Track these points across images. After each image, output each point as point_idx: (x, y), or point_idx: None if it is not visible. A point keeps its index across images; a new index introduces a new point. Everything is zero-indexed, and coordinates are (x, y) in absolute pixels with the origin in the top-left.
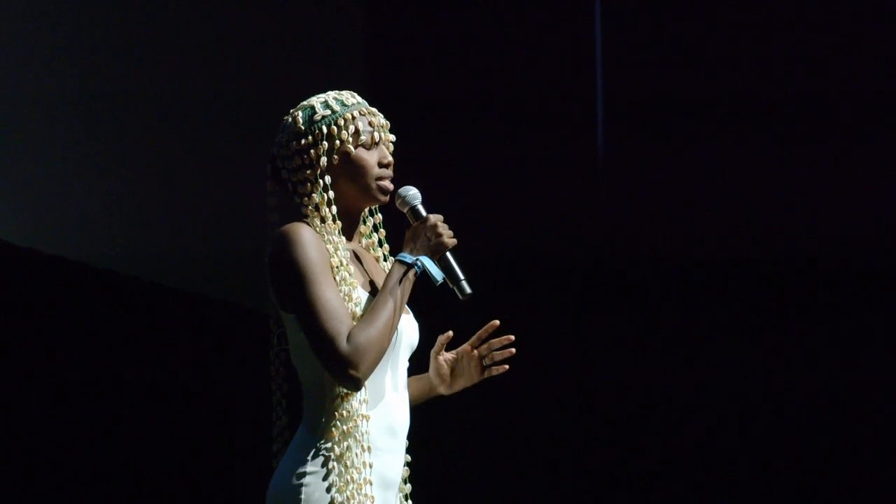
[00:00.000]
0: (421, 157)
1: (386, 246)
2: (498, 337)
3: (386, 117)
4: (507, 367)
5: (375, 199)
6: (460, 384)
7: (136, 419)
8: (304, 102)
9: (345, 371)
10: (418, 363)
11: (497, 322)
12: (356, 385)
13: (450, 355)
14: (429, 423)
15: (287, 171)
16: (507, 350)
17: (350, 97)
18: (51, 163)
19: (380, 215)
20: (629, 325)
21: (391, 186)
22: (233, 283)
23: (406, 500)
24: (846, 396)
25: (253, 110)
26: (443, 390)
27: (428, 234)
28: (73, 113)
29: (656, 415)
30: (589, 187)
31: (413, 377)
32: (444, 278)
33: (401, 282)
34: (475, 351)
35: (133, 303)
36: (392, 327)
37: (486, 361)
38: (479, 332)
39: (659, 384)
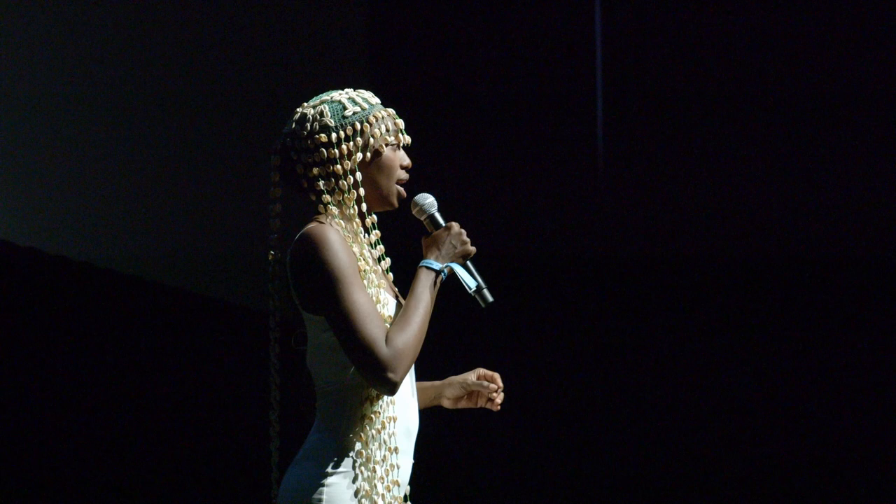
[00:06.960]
0: (420, 157)
1: (381, 247)
2: (493, 381)
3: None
4: (498, 407)
5: (389, 204)
6: (462, 405)
7: (136, 418)
8: (324, 97)
9: (383, 375)
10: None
11: (498, 376)
12: (392, 389)
13: (474, 384)
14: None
15: (304, 165)
16: (498, 395)
17: (372, 96)
18: (52, 163)
19: (374, 216)
20: (629, 324)
21: (405, 194)
22: (233, 283)
23: (405, 500)
24: (847, 395)
25: (255, 110)
26: (447, 404)
27: (453, 242)
28: (75, 113)
29: (657, 413)
30: (589, 187)
31: (420, 384)
32: (477, 285)
33: (430, 287)
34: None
35: (134, 302)
36: (424, 332)
37: (481, 401)
38: (486, 374)
39: (659, 383)
